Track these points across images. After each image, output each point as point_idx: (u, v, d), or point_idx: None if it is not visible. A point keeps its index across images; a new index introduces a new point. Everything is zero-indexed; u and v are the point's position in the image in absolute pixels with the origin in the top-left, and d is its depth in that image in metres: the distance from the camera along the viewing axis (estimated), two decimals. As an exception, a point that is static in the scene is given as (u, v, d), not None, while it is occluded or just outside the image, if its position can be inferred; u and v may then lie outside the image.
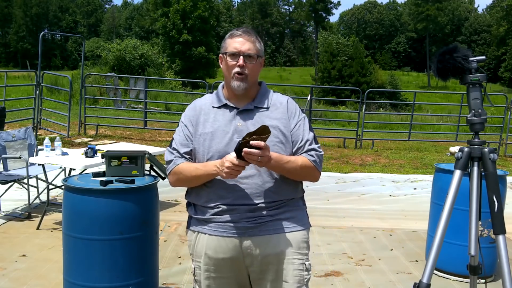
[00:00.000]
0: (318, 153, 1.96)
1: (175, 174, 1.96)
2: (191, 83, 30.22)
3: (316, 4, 60.68)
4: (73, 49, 65.85)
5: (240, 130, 1.88)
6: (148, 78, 16.24)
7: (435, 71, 2.14)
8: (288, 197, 1.94)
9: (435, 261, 2.03)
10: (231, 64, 1.89)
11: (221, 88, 2.01)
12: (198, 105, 2.01)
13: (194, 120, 1.97)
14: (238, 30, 1.95)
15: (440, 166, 4.00)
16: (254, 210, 1.87)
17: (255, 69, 1.93)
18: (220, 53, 1.98)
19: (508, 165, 9.99)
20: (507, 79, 51.97)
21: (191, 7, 44.89)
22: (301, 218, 1.98)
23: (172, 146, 2.00)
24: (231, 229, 1.88)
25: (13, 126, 10.09)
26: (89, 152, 4.64)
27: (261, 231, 1.89)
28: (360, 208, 6.10)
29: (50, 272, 3.64)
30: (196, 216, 1.98)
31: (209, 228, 1.93)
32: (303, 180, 2.01)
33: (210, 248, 1.93)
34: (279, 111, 1.95)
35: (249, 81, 1.91)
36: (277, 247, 1.90)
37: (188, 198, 2.04)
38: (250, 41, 1.91)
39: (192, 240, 2.00)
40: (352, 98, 27.62)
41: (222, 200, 1.88)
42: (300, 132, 1.95)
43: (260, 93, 1.99)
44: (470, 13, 70.49)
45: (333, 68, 40.14)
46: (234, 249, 1.90)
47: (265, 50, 2.03)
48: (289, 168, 1.88)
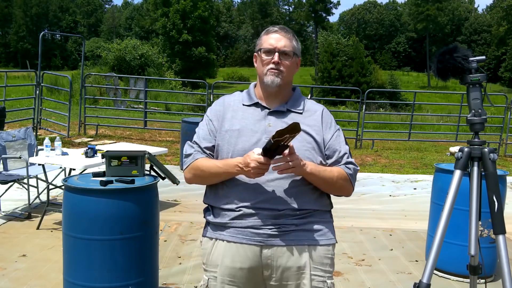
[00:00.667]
0: (355, 167, 1.88)
1: (192, 169, 1.84)
2: (191, 83, 30.24)
3: (316, 4, 60.67)
4: (73, 49, 65.85)
5: (270, 131, 1.75)
6: (148, 78, 16.24)
7: (435, 71, 2.14)
8: (315, 208, 1.81)
9: (435, 261, 2.03)
10: (266, 61, 1.80)
11: (253, 87, 1.92)
12: (226, 101, 1.91)
13: (220, 116, 1.86)
14: (275, 27, 1.86)
15: (440, 166, 4.00)
16: (278, 216, 1.74)
17: (291, 68, 1.83)
18: (254, 51, 1.89)
19: (508, 165, 9.99)
20: (507, 79, 51.95)
21: (191, 7, 44.92)
22: (327, 232, 1.84)
23: (194, 140, 1.90)
24: (252, 236, 1.75)
25: (13, 126, 10.09)
26: (89, 152, 4.64)
27: (284, 241, 1.75)
28: (360, 208, 6.10)
29: (50, 272, 3.64)
30: (214, 221, 1.83)
31: (227, 234, 1.79)
32: (335, 194, 1.88)
33: (227, 256, 1.78)
34: (313, 119, 1.85)
35: (284, 79, 1.81)
36: (300, 260, 1.76)
37: (206, 200, 1.91)
38: (286, 37, 1.82)
39: (208, 248, 1.84)
40: (352, 98, 27.61)
41: (244, 203, 1.75)
42: (337, 143, 1.86)
43: (294, 97, 1.89)
44: (470, 13, 70.48)
45: (333, 68, 40.14)
46: (253, 258, 1.76)
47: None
48: (325, 178, 1.78)
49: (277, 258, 1.75)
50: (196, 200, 5.87)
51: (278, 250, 1.75)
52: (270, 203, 1.74)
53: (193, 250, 4.24)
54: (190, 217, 5.21)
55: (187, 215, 5.33)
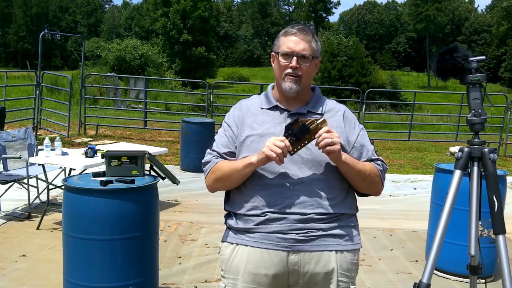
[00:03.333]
0: (385, 165, 1.85)
1: (212, 173, 1.79)
2: (191, 83, 30.24)
3: (316, 4, 60.69)
4: (73, 49, 65.87)
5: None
6: (148, 78, 16.25)
7: (435, 71, 2.14)
8: (343, 211, 1.76)
9: (435, 261, 2.03)
10: (284, 65, 1.75)
11: (271, 89, 1.87)
12: (244, 105, 1.87)
13: (239, 121, 1.81)
14: (294, 27, 1.78)
15: (440, 166, 4.00)
16: (306, 221, 1.69)
17: (310, 71, 1.78)
18: (272, 51, 1.83)
19: (508, 165, 9.99)
20: (507, 79, 51.95)
21: (191, 7, 44.93)
22: (354, 237, 1.79)
23: (212, 148, 1.84)
24: (278, 241, 1.69)
25: (13, 126, 10.09)
26: (89, 152, 4.64)
27: (311, 246, 1.70)
28: (360, 208, 6.06)
29: (50, 272, 3.64)
30: (237, 226, 1.77)
31: (251, 239, 1.72)
32: (366, 190, 1.84)
33: (251, 262, 1.71)
34: (335, 119, 1.80)
35: (302, 84, 1.76)
36: (327, 266, 1.71)
37: (228, 207, 1.84)
38: (305, 40, 1.75)
39: (227, 254, 1.78)
40: (352, 98, 27.60)
41: (270, 208, 1.70)
42: (364, 143, 1.82)
43: (315, 98, 1.85)
44: (470, 13, 70.48)
45: (333, 68, 40.14)
46: (279, 264, 1.70)
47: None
48: (359, 169, 1.74)
49: (304, 264, 1.71)
50: (196, 200, 5.88)
51: (306, 256, 1.70)
52: (296, 207, 1.69)
53: (193, 250, 4.24)
54: (190, 217, 5.21)
55: (187, 215, 5.33)
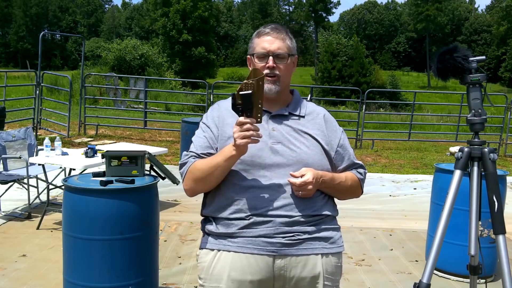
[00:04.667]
0: (365, 171, 1.86)
1: (190, 174, 1.72)
2: (191, 83, 30.24)
3: (316, 4, 60.69)
4: (73, 49, 65.88)
5: (275, 135, 1.70)
6: (148, 78, 16.25)
7: (435, 71, 2.14)
8: (327, 213, 1.74)
9: (435, 261, 2.03)
10: (260, 66, 1.71)
11: None
12: (223, 106, 1.81)
13: (219, 122, 1.76)
14: (266, 27, 1.76)
15: (440, 166, 4.00)
16: (292, 223, 1.65)
17: (288, 70, 1.75)
18: (248, 55, 1.81)
19: (508, 165, 9.99)
20: (507, 79, 51.94)
21: (191, 7, 44.93)
22: (337, 239, 1.76)
23: (190, 150, 1.78)
24: (264, 245, 1.64)
25: (13, 126, 10.09)
26: (89, 152, 4.64)
27: (298, 250, 1.66)
28: (360, 208, 6.10)
29: (50, 272, 3.64)
30: (218, 232, 1.70)
31: (234, 244, 1.66)
32: (346, 199, 1.85)
33: (235, 269, 1.65)
34: (316, 122, 1.79)
35: (282, 83, 1.74)
36: (314, 271, 1.69)
37: (207, 212, 1.75)
38: (279, 38, 1.73)
39: (208, 261, 1.70)
40: (352, 98, 27.62)
41: (255, 210, 1.64)
42: (346, 147, 1.82)
43: (295, 101, 1.83)
44: (470, 13, 70.50)
45: (333, 68, 40.16)
46: (265, 269, 1.65)
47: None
48: (339, 189, 1.75)
49: (291, 269, 1.67)
50: (196, 200, 5.82)
51: (292, 260, 1.66)
52: (282, 209, 1.65)
53: (193, 250, 4.24)
54: (190, 217, 5.21)
55: (187, 215, 5.33)
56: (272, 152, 1.69)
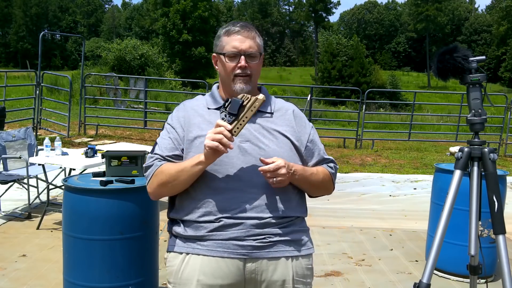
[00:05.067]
0: (336, 166, 1.82)
1: (156, 177, 1.66)
2: (191, 83, 30.23)
3: (316, 4, 60.70)
4: (73, 49, 65.89)
5: (243, 134, 1.63)
6: (148, 78, 16.23)
7: (435, 71, 2.14)
8: (297, 214, 1.71)
9: (435, 261, 2.03)
10: (231, 66, 1.67)
11: (216, 89, 1.79)
12: (189, 106, 1.77)
13: (185, 122, 1.71)
14: (235, 25, 1.70)
15: (440, 166, 4.00)
16: (263, 226, 1.61)
17: (258, 68, 1.73)
18: (215, 52, 1.74)
19: (508, 165, 9.99)
20: (507, 79, 51.95)
21: (191, 7, 44.94)
22: (307, 241, 1.73)
23: (154, 152, 1.71)
24: (235, 249, 1.60)
25: (13, 126, 10.09)
26: (89, 152, 4.64)
27: (269, 253, 1.63)
28: (360, 208, 6.10)
29: (50, 272, 3.64)
30: (186, 234, 1.65)
31: (204, 247, 1.61)
32: (318, 195, 1.81)
33: (205, 273, 1.60)
34: (285, 118, 1.75)
35: (253, 83, 1.71)
36: (285, 274, 1.65)
37: (175, 215, 1.70)
38: (250, 37, 1.69)
39: (176, 265, 1.65)
40: (352, 98, 27.62)
41: (225, 213, 1.60)
42: (316, 142, 1.79)
43: None
44: (470, 13, 70.52)
45: (333, 68, 40.16)
46: (236, 273, 1.61)
47: (265, 50, 1.88)
48: (312, 182, 1.71)
49: (262, 272, 1.63)
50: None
51: (263, 263, 1.62)
52: (253, 211, 1.60)
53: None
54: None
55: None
56: (241, 151, 1.65)
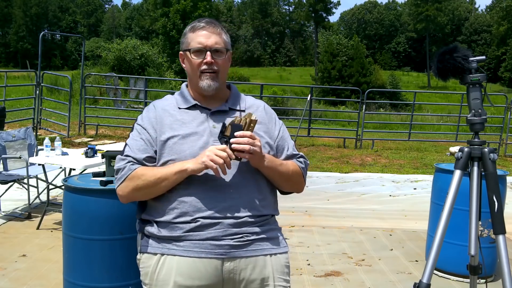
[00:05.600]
0: (306, 161, 1.81)
1: (130, 181, 1.62)
2: (191, 83, 30.16)
3: (316, 4, 60.70)
4: (73, 49, 65.89)
5: (216, 133, 1.64)
6: (148, 78, 16.24)
7: (435, 71, 2.14)
8: (271, 213, 1.72)
9: (435, 261, 2.03)
10: (197, 62, 1.66)
11: (185, 88, 1.78)
12: (159, 106, 1.75)
13: (157, 122, 1.68)
14: (200, 21, 1.69)
15: (440, 166, 4.00)
16: (240, 225, 1.60)
17: (225, 65, 1.71)
18: (181, 50, 1.73)
19: (508, 165, 9.99)
20: (507, 79, 51.97)
21: (191, 7, 44.98)
22: (282, 239, 1.73)
23: (125, 153, 1.67)
24: (212, 248, 1.58)
25: (13, 126, 10.09)
26: (89, 152, 4.64)
27: (247, 252, 1.61)
28: (360, 208, 6.10)
29: (50, 272, 3.64)
30: (160, 235, 1.63)
31: (180, 248, 1.59)
32: (289, 190, 1.79)
33: (182, 274, 1.58)
34: (257, 115, 1.70)
35: (220, 79, 1.69)
36: (264, 272, 1.64)
37: (147, 216, 1.68)
38: (215, 33, 1.68)
39: (151, 266, 1.64)
40: (352, 98, 27.62)
41: (201, 213, 1.58)
42: (286, 138, 1.79)
43: (233, 95, 1.78)
44: (470, 13, 70.54)
45: (333, 68, 40.16)
46: (214, 273, 1.59)
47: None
48: (282, 171, 1.69)
49: (240, 271, 1.61)
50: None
51: (242, 262, 1.61)
52: (230, 210, 1.59)
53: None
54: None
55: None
56: None
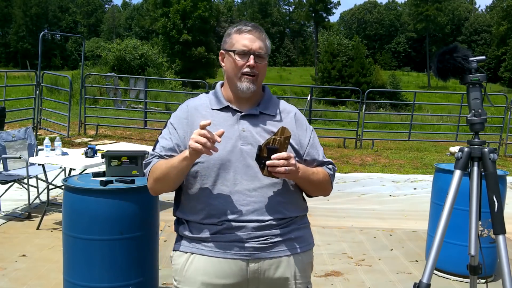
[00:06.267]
0: (334, 167, 1.87)
1: (152, 173, 1.71)
2: (191, 83, 30.26)
3: (316, 4, 60.68)
4: (73, 49, 65.87)
5: (245, 136, 1.68)
6: (148, 78, 16.23)
7: (435, 71, 2.14)
8: (297, 214, 1.76)
9: (435, 261, 2.03)
10: (241, 64, 1.69)
11: (220, 88, 1.80)
12: (192, 105, 1.78)
13: (188, 124, 1.73)
14: (247, 25, 1.72)
15: (440, 166, 4.00)
16: (264, 228, 1.66)
17: (264, 69, 1.74)
18: (223, 49, 1.76)
19: (508, 165, 9.99)
20: (507, 79, 51.94)
21: (191, 7, 44.96)
22: (308, 237, 1.80)
23: (154, 149, 1.75)
24: (238, 250, 1.65)
25: (13, 126, 10.09)
26: (89, 152, 4.64)
27: (270, 253, 1.68)
28: (360, 208, 6.10)
29: (50, 272, 3.64)
30: (191, 236, 1.70)
31: (207, 248, 1.67)
32: (316, 195, 1.83)
33: (208, 273, 1.66)
34: (287, 121, 1.76)
35: (258, 83, 1.73)
36: (287, 271, 1.71)
37: (180, 214, 1.76)
38: (260, 38, 1.72)
39: (181, 264, 1.71)
40: (352, 98, 27.61)
41: (227, 216, 1.64)
42: (316, 145, 1.82)
43: (265, 99, 1.80)
44: (470, 13, 70.54)
45: (333, 68, 40.16)
46: (239, 273, 1.66)
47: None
48: (313, 180, 1.74)
49: (264, 271, 1.68)
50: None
51: (265, 263, 1.68)
52: (254, 214, 1.65)
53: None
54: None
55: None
56: (242, 154, 1.67)
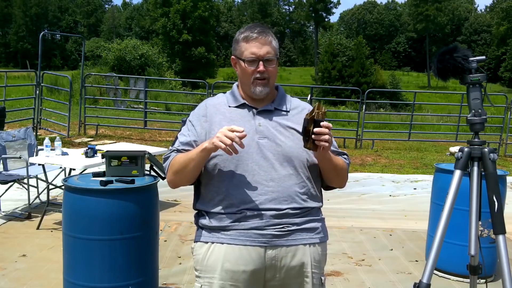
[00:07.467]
0: (348, 158, 1.95)
1: (171, 167, 1.80)
2: (191, 83, 30.29)
3: (316, 4, 60.66)
4: (73, 49, 65.85)
5: (261, 131, 1.77)
6: (148, 78, 16.23)
7: (435, 71, 2.14)
8: (314, 205, 1.82)
9: (435, 261, 2.03)
10: (251, 71, 1.78)
11: (236, 88, 1.89)
12: (211, 103, 1.88)
13: (206, 120, 1.83)
14: (253, 31, 1.79)
15: (440, 166, 4.00)
16: (281, 216, 1.74)
17: (275, 71, 1.83)
18: (233, 55, 1.86)
19: (508, 165, 9.99)
20: (507, 79, 51.93)
21: (191, 7, 44.96)
22: (323, 229, 1.87)
23: (173, 145, 1.86)
24: (256, 237, 1.73)
25: (13, 126, 10.09)
26: (89, 152, 4.64)
27: (288, 241, 1.75)
28: (360, 208, 6.10)
29: (50, 272, 3.64)
30: (211, 225, 1.78)
31: (227, 236, 1.75)
32: (335, 184, 1.90)
33: (229, 260, 1.74)
34: (301, 116, 1.79)
35: (271, 84, 1.82)
36: (302, 260, 1.78)
37: (200, 206, 1.84)
38: (267, 43, 1.79)
39: (202, 254, 1.79)
40: (352, 98, 27.60)
41: (246, 205, 1.73)
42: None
43: (279, 96, 1.89)
44: (470, 13, 70.49)
45: (333, 68, 40.15)
46: (257, 260, 1.74)
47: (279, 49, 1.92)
48: (336, 164, 1.82)
49: (281, 258, 1.76)
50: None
51: (283, 251, 1.76)
52: (272, 203, 1.73)
53: (193, 250, 4.24)
54: (190, 217, 5.17)
55: (187, 215, 5.32)
56: (259, 147, 1.76)
